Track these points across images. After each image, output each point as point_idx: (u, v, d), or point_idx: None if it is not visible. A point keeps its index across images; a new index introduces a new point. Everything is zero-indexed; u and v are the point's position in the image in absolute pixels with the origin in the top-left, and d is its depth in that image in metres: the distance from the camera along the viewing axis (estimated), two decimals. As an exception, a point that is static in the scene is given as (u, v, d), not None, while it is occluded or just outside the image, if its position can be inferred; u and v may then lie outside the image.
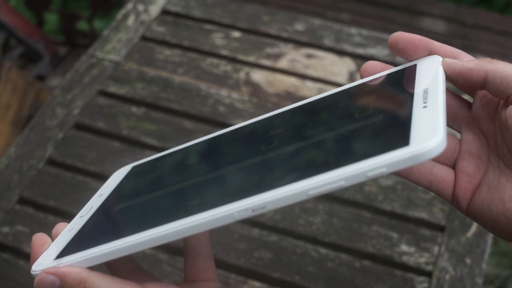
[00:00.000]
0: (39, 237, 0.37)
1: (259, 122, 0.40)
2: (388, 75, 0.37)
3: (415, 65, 0.36)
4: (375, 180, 0.72)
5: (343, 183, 0.30)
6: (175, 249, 0.66)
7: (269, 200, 0.31)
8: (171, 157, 0.42)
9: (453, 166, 0.36)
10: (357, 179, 0.30)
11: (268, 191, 0.31)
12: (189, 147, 0.42)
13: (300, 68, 0.86)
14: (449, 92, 0.36)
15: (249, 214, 0.32)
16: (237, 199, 0.32)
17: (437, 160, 0.36)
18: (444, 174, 0.36)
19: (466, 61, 0.34)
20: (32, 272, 0.35)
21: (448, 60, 0.35)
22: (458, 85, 0.35)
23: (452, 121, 0.36)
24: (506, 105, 0.33)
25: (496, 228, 0.34)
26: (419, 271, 0.65)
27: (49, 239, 0.37)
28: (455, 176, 0.35)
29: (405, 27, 1.58)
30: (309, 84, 0.84)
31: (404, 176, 0.36)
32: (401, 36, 0.36)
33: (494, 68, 0.33)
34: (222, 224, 0.32)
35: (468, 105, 0.36)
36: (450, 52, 0.36)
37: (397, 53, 0.37)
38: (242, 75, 0.85)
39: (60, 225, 0.38)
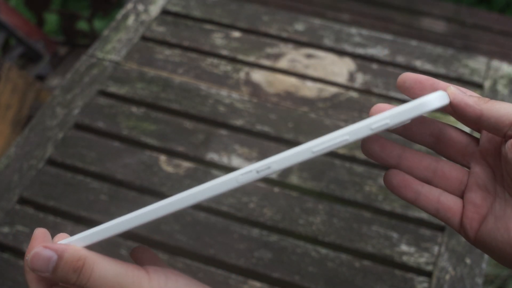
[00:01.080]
0: (41, 231, 0.36)
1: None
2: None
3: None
4: (375, 179, 0.72)
5: (348, 138, 0.30)
6: (175, 249, 0.66)
7: (274, 160, 0.31)
8: None
9: (462, 197, 0.37)
10: (361, 133, 0.30)
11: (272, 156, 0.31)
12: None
13: (300, 68, 0.86)
14: (457, 129, 0.37)
15: (253, 176, 0.31)
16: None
17: (446, 189, 0.37)
18: (451, 203, 0.37)
19: (467, 95, 0.35)
20: (26, 258, 0.34)
21: (453, 88, 0.36)
22: (454, 116, 0.36)
23: (461, 157, 0.37)
24: (505, 140, 0.34)
25: (503, 257, 0.35)
26: (419, 271, 0.65)
27: (50, 236, 0.37)
28: (463, 206, 0.37)
29: (405, 27, 1.58)
30: (309, 84, 0.84)
31: (411, 202, 0.37)
32: (408, 76, 0.37)
33: (490, 107, 0.34)
34: (226, 190, 0.32)
35: (476, 141, 0.37)
36: None
37: (405, 92, 0.38)
38: (242, 75, 0.85)
39: (61, 234, 0.38)
